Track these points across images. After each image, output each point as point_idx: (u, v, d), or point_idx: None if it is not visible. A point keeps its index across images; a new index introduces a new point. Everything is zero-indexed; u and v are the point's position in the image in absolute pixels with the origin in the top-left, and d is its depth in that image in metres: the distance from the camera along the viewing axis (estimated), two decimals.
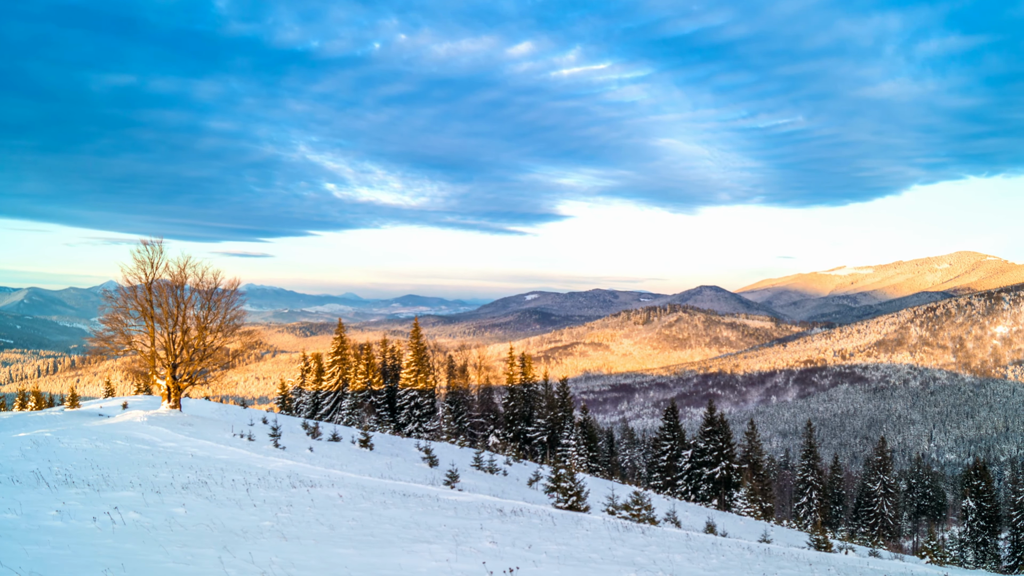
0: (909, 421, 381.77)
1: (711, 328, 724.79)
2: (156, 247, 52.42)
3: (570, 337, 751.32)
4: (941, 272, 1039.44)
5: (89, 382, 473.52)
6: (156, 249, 52.38)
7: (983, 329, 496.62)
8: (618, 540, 22.25)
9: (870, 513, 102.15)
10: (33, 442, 30.49)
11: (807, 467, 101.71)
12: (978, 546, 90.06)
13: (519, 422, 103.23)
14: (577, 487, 34.16)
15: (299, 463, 35.78)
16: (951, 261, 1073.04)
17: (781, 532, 62.32)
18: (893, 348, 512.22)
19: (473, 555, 16.05)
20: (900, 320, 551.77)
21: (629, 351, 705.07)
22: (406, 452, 59.31)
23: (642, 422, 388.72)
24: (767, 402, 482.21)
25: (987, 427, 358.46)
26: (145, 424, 42.48)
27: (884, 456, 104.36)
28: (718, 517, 62.96)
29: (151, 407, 63.20)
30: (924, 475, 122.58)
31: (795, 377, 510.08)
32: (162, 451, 31.47)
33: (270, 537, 15.62)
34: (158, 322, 53.27)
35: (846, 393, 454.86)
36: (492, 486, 46.96)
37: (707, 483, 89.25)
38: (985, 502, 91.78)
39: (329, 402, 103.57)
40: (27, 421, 45.75)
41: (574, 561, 17.34)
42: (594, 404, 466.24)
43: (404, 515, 21.45)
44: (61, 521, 15.07)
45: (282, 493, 22.86)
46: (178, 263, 54.14)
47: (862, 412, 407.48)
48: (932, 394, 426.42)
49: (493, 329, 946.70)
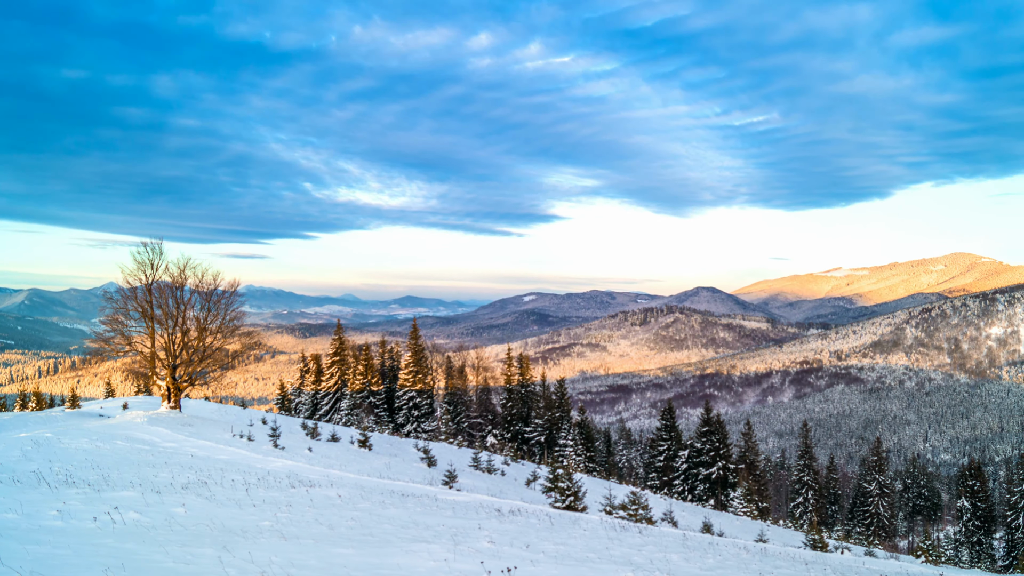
0: (905, 422, 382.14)
1: (708, 329, 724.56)
2: (156, 249, 52.48)
3: (567, 338, 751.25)
4: (936, 274, 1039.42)
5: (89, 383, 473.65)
6: (156, 251, 52.44)
7: (978, 330, 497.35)
8: (615, 540, 22.28)
9: (866, 513, 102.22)
10: (34, 442, 30.53)
11: (803, 467, 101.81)
12: (973, 546, 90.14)
13: (517, 422, 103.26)
14: (574, 487, 34.18)
15: (298, 463, 35.80)
16: (946, 263, 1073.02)
17: (777, 532, 62.35)
18: (889, 349, 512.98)
19: (471, 555, 16.07)
20: (896, 321, 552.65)
21: (626, 352, 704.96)
22: (404, 452, 59.33)
23: (639, 422, 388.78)
24: (763, 403, 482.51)
25: (982, 427, 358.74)
26: (145, 424, 42.49)
27: (880, 456, 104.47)
28: (715, 517, 63.00)
29: (151, 408, 63.24)
30: (919, 475, 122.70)
31: (791, 378, 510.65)
32: (162, 451, 31.50)
33: (269, 537, 15.64)
34: (158, 323, 53.32)
35: (842, 394, 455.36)
36: (490, 486, 47.01)
37: (704, 483, 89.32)
38: (980, 502, 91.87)
39: (328, 403, 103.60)
40: (28, 421, 45.78)
41: (572, 561, 17.36)
42: (591, 405, 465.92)
43: (403, 515, 21.48)
44: (62, 521, 15.09)
45: (281, 493, 22.89)
46: (178, 264, 54.26)
47: (858, 413, 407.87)
48: (927, 395, 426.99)
49: (491, 330, 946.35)
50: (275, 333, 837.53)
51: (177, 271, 53.84)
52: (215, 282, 55.79)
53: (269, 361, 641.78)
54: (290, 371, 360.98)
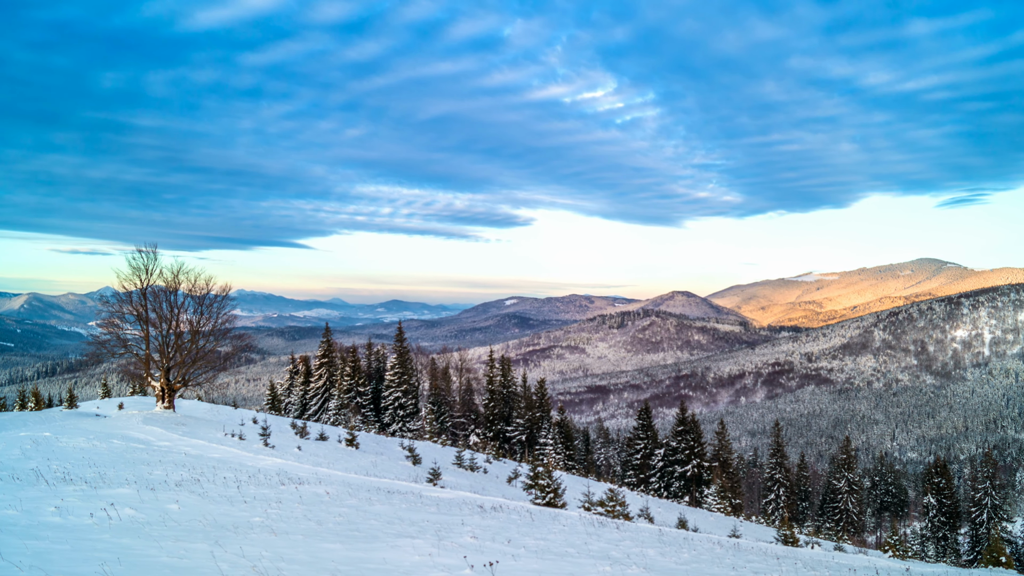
0: (873, 421, 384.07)
1: (683, 332, 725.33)
2: (151, 254, 52.41)
3: (548, 340, 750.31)
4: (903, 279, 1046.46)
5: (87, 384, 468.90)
6: (151, 256, 52.37)
7: (944, 333, 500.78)
8: (594, 535, 22.35)
9: (835, 509, 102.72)
10: (33, 441, 30.44)
11: (775, 465, 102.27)
12: (939, 541, 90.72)
13: (499, 422, 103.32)
14: (554, 484, 34.24)
15: (288, 461, 35.76)
16: (912, 268, 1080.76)
17: (750, 527, 62.62)
18: (857, 351, 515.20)
19: (455, 549, 16.15)
20: (864, 324, 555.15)
21: (604, 354, 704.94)
22: (390, 451, 59.28)
23: (617, 422, 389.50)
24: (736, 403, 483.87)
25: (947, 427, 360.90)
26: (140, 424, 42.39)
27: (848, 454, 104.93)
28: (689, 513, 63.20)
29: (146, 408, 63.14)
30: (887, 473, 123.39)
31: (763, 379, 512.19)
32: (157, 450, 31.43)
33: (260, 532, 15.68)
34: (152, 326, 53.22)
35: (812, 394, 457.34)
36: (473, 483, 47.02)
37: (679, 480, 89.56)
38: (945, 499, 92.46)
39: (317, 403, 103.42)
40: (27, 421, 45.72)
41: (551, 555, 17.44)
42: (571, 405, 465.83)
43: (388, 511, 21.52)
44: (60, 517, 15.11)
45: (272, 490, 22.89)
46: (172, 270, 54.24)
47: (828, 412, 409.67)
48: (895, 395, 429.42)
49: (474, 333, 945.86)
50: (265, 336, 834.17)
51: (171, 276, 53.84)
52: (207, 286, 55.80)
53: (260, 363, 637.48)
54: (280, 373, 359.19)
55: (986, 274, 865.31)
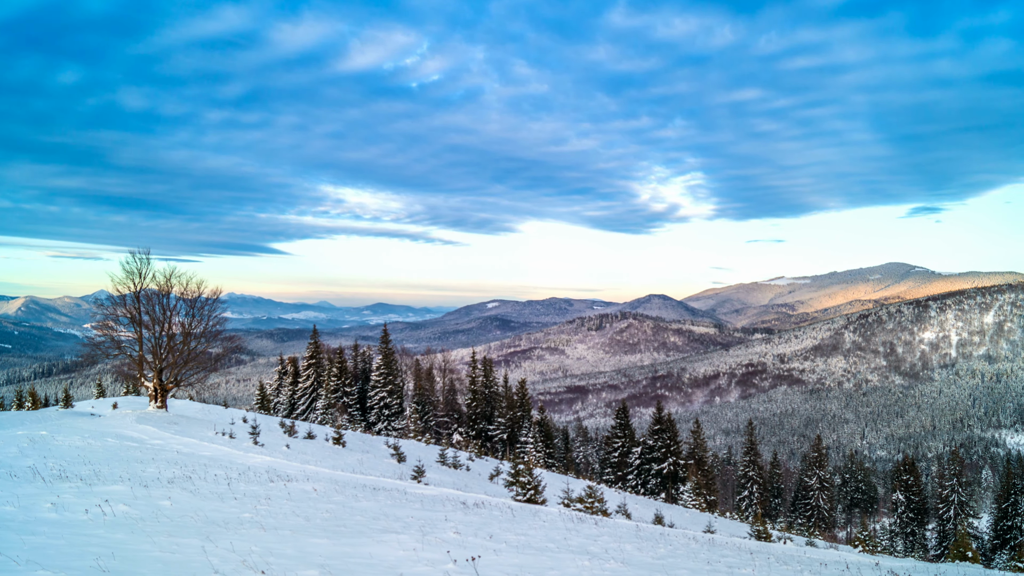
0: (843, 420, 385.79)
1: (659, 334, 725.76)
2: (144, 258, 52.32)
3: (528, 342, 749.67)
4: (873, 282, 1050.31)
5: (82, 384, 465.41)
6: (144, 260, 52.27)
7: (912, 335, 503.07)
8: (573, 531, 22.47)
9: (807, 506, 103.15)
10: (30, 439, 30.32)
11: (748, 463, 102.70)
12: (907, 536, 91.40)
13: (481, 421, 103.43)
14: (535, 481, 34.34)
15: (277, 459, 35.74)
16: (882, 272, 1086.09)
17: (724, 523, 62.79)
18: (828, 353, 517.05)
19: (438, 544, 16.23)
20: (835, 327, 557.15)
21: (583, 355, 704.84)
22: (376, 449, 59.27)
23: (595, 421, 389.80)
24: (711, 403, 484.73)
25: (915, 426, 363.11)
26: (134, 423, 42.24)
27: (820, 453, 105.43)
28: (666, 509, 63.34)
29: (139, 407, 62.91)
30: (857, 470, 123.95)
31: (737, 379, 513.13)
32: (150, 448, 31.36)
33: (250, 528, 15.72)
34: (146, 328, 53.14)
35: (784, 394, 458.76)
36: (456, 480, 47.13)
37: (656, 478, 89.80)
38: (913, 495, 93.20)
39: (305, 403, 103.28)
40: (24, 420, 45.50)
41: (532, 550, 17.54)
42: (551, 404, 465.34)
43: (374, 507, 21.57)
44: (56, 513, 15.12)
45: (261, 487, 22.89)
46: (164, 273, 54.11)
47: (799, 412, 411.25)
48: (865, 395, 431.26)
49: (457, 335, 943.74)
50: (255, 337, 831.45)
51: (163, 279, 53.73)
52: (199, 290, 55.74)
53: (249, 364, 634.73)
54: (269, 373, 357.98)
55: (953, 279, 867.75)
